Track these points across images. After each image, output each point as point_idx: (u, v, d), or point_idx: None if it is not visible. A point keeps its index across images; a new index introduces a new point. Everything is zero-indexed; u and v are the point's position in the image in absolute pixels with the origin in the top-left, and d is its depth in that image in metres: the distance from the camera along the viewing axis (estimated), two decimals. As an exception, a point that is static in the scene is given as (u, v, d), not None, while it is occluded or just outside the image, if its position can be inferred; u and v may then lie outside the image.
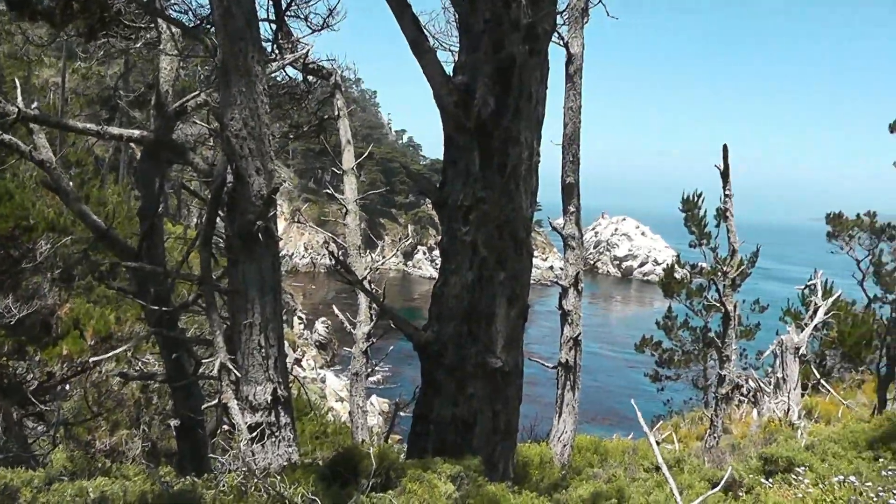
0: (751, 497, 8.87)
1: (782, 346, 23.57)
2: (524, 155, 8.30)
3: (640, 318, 78.10)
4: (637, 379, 43.62)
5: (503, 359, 8.39)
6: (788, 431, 17.28)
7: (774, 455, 10.65)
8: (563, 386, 15.71)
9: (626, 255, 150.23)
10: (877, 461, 10.70)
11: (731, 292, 19.59)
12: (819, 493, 9.17)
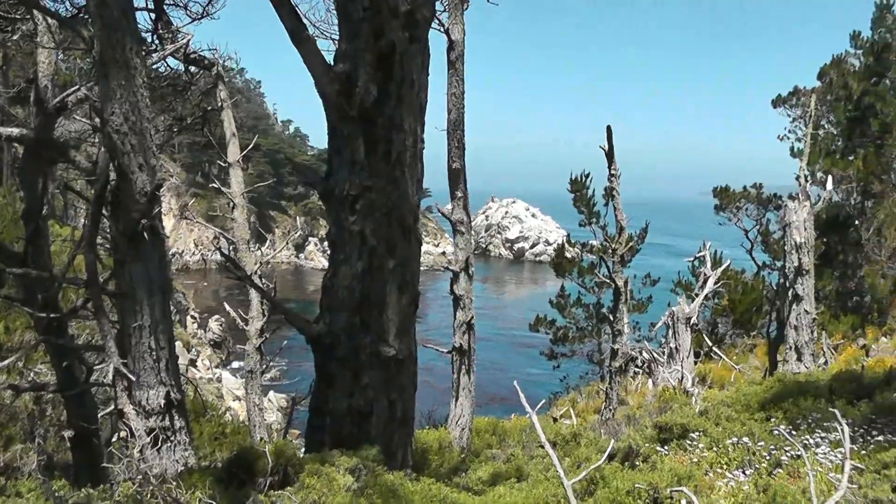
0: (647, 465, 8.97)
1: (674, 317, 24.01)
2: (408, 142, 8.25)
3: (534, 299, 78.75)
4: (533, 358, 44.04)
5: (396, 347, 8.34)
6: (683, 399, 17.61)
7: (669, 423, 10.80)
8: (459, 370, 15.77)
9: (518, 238, 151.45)
10: (769, 421, 10.95)
11: (620, 268, 19.88)
12: (714, 456, 9.34)
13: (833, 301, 35.65)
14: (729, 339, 36.41)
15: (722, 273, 30.37)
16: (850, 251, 35.82)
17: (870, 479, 7.01)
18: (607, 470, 8.53)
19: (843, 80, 38.10)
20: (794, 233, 22.02)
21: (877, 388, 12.38)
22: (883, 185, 35.52)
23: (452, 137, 14.93)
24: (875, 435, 9.42)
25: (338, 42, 8.23)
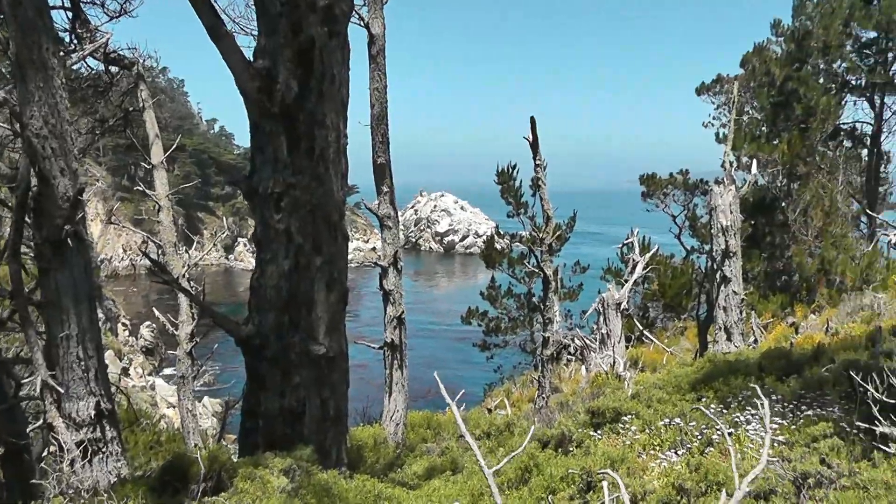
0: (581, 450, 9.03)
1: (604, 303, 24.18)
2: (331, 137, 8.19)
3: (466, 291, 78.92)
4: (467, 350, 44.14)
5: (326, 345, 8.28)
6: (615, 383, 17.69)
7: (601, 407, 10.87)
8: (391, 365, 15.74)
9: (448, 231, 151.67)
10: (700, 401, 11.07)
11: (548, 257, 19.95)
12: (647, 437, 9.42)
13: (762, 281, 36.29)
14: (660, 323, 36.93)
15: (651, 258, 30.74)
16: (778, 232, 36.51)
17: (800, 452, 7.11)
18: (541, 457, 8.56)
19: (766, 67, 38.87)
20: (721, 216, 22.33)
21: (805, 365, 12.58)
22: (808, 167, 36.26)
23: (376, 132, 14.88)
24: (804, 410, 9.58)
25: (257, 38, 8.13)
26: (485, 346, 38.20)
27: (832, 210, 35.38)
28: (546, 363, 19.92)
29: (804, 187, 36.08)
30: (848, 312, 23.60)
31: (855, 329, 19.09)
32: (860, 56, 40.24)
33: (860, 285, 29.26)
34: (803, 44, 38.36)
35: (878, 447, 6.46)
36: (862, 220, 40.07)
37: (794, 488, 5.84)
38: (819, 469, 5.85)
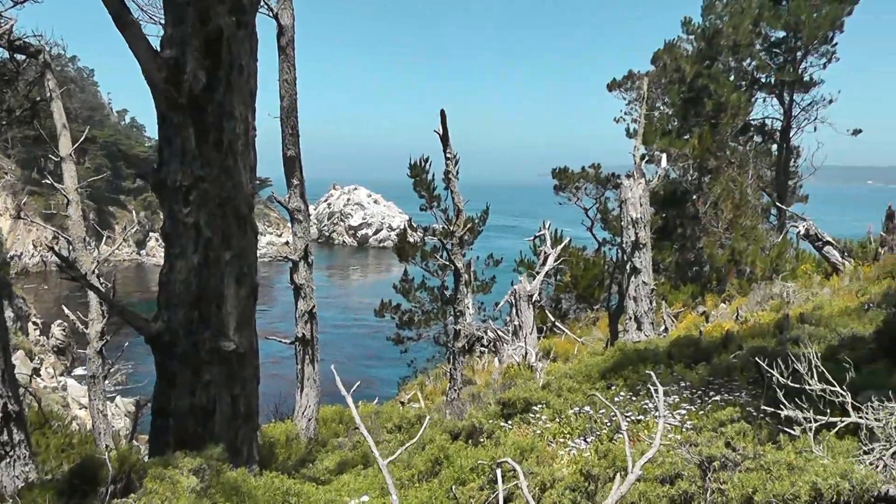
0: (491, 441, 9.07)
1: (516, 295, 24.37)
2: (240, 129, 8.10)
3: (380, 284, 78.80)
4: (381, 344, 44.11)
5: (237, 340, 8.20)
6: (527, 374, 17.84)
7: (512, 398, 10.94)
8: (303, 360, 15.66)
9: (361, 224, 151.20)
10: (609, 389, 11.23)
11: (459, 250, 19.98)
12: (557, 426, 9.52)
13: (673, 272, 37.01)
14: (573, 314, 37.40)
15: (563, 250, 31.12)
16: (689, 224, 37.25)
17: (707, 436, 7.23)
18: (451, 449, 8.58)
19: (676, 64, 39.68)
20: (630, 209, 22.68)
21: (714, 352, 12.83)
22: (718, 162, 37.09)
23: (286, 124, 14.77)
24: (712, 395, 9.77)
25: (164, 27, 7.99)
26: (398, 340, 38.19)
27: (742, 203, 36.23)
28: (458, 355, 19.96)
29: (715, 181, 36.91)
30: (757, 301, 24.11)
31: (764, 317, 19.51)
32: (770, 54, 41.34)
33: (770, 275, 29.97)
34: (713, 42, 39.24)
35: (784, 430, 6.60)
36: (772, 213, 41.16)
37: (699, 471, 5.94)
38: (724, 452, 5.95)
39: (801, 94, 42.21)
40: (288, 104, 14.63)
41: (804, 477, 4.88)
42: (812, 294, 22.34)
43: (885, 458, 5.50)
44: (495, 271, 38.04)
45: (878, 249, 23.94)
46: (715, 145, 37.14)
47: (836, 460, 5.28)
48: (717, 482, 5.60)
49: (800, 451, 5.92)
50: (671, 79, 39.88)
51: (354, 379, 28.47)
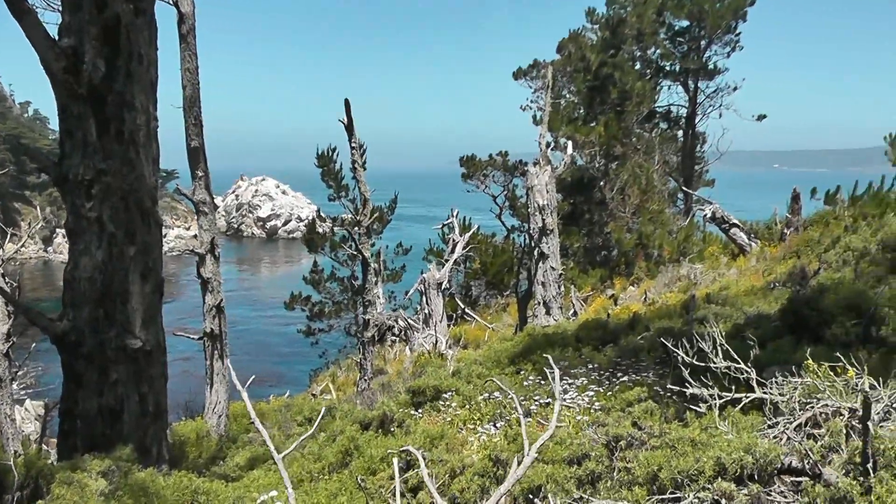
0: (402, 430, 9.09)
1: (425, 283, 24.42)
2: (141, 120, 7.98)
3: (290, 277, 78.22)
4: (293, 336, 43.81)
5: (143, 338, 8.09)
6: (438, 361, 17.87)
7: (422, 386, 10.96)
8: (212, 356, 15.48)
9: (270, 216, 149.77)
10: (518, 374, 11.30)
11: (366, 240, 19.92)
12: (466, 413, 9.56)
13: (582, 257, 37.46)
14: (483, 300, 37.62)
15: (471, 238, 31.28)
16: (596, 210, 37.71)
17: (615, 416, 7.33)
18: (361, 440, 8.58)
19: (581, 53, 40.03)
20: (537, 196, 22.88)
21: (622, 334, 13.00)
22: (625, 148, 37.64)
23: (189, 115, 14.56)
24: (620, 376, 9.91)
25: (62, 14, 7.82)
26: (309, 332, 38.02)
27: (649, 188, 36.80)
28: (367, 345, 19.90)
29: (621, 167, 37.46)
30: (665, 283, 24.53)
31: (671, 298, 19.84)
32: (674, 43, 42.02)
33: (677, 257, 30.49)
34: (618, 31, 39.77)
35: (690, 408, 6.71)
36: (679, 197, 41.82)
37: (607, 451, 6.01)
38: (631, 431, 6.03)
39: (705, 81, 43.04)
40: (190, 94, 14.41)
41: (708, 452, 4.97)
42: (719, 275, 22.78)
43: (788, 432, 5.62)
44: (405, 260, 38.09)
45: (784, 230, 24.50)
46: (621, 132, 37.69)
47: (741, 435, 5.39)
48: (623, 461, 5.67)
49: (705, 427, 6.03)
50: (576, 67, 40.27)
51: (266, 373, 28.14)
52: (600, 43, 40.39)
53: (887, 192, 23.63)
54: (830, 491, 4.53)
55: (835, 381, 6.19)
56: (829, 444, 5.22)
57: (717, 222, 26.77)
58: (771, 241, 24.87)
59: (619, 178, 37.06)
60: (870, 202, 23.20)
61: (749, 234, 26.35)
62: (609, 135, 36.69)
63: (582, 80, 39.61)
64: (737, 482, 4.81)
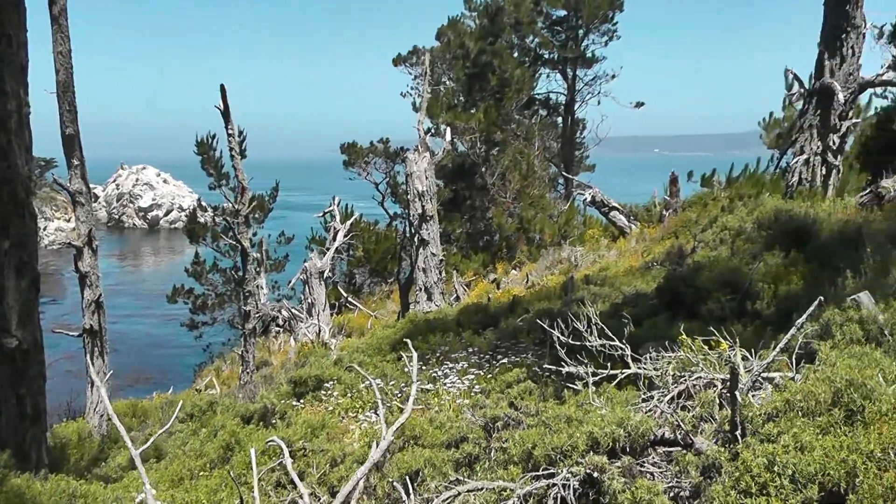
0: (283, 422, 9.04)
1: (307, 272, 24.29)
2: (11, 106, 7.74)
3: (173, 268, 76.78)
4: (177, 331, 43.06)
5: (20, 336, 7.87)
6: (322, 351, 17.81)
7: (304, 376, 10.95)
8: (91, 353, 15.11)
9: (151, 206, 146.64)
10: (400, 360, 11.34)
11: (245, 229, 19.66)
12: (348, 401, 9.58)
13: (464, 242, 37.71)
14: (367, 288, 37.63)
15: (353, 225, 31.20)
16: (478, 196, 37.99)
17: (495, 398, 7.40)
18: (242, 433, 8.53)
19: (461, 40, 40.17)
20: (416, 182, 23.00)
21: (502, 316, 13.16)
22: (505, 135, 38.02)
23: (63, 100, 14.13)
24: (500, 358, 10.01)
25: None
26: (193, 325, 37.41)
27: (530, 173, 37.25)
28: (248, 338, 19.67)
29: (502, 153, 37.81)
30: (547, 266, 24.87)
31: (552, 281, 20.11)
32: (551, 32, 42.59)
33: (559, 241, 30.95)
34: (496, 19, 40.04)
35: (568, 386, 6.81)
36: (559, 182, 42.38)
37: (484, 433, 6.06)
38: (507, 412, 6.09)
39: (584, 69, 43.77)
40: (64, 79, 13.98)
41: (582, 428, 5.04)
42: (599, 257, 23.22)
43: (661, 405, 5.74)
44: (289, 249, 37.78)
45: (663, 212, 25.10)
46: (500, 119, 38.02)
47: (615, 410, 5.47)
48: (499, 441, 5.73)
49: (581, 404, 6.12)
50: (455, 55, 40.41)
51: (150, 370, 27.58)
52: (479, 30, 40.58)
53: (762, 173, 24.46)
54: (701, 459, 4.65)
55: (708, 355, 6.34)
56: (700, 415, 5.35)
57: (597, 206, 27.29)
58: (650, 223, 25.45)
59: (499, 164, 37.39)
60: (746, 183, 23.95)
61: (629, 216, 26.91)
62: (489, 121, 36.96)
63: (461, 68, 39.77)
64: (610, 455, 4.89)
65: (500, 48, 39.41)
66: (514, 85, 38.60)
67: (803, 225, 13.48)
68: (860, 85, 19.30)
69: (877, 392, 4.45)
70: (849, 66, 18.78)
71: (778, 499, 3.86)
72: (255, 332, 20.02)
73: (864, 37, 18.97)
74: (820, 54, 19.00)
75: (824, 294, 8.37)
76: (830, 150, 18.76)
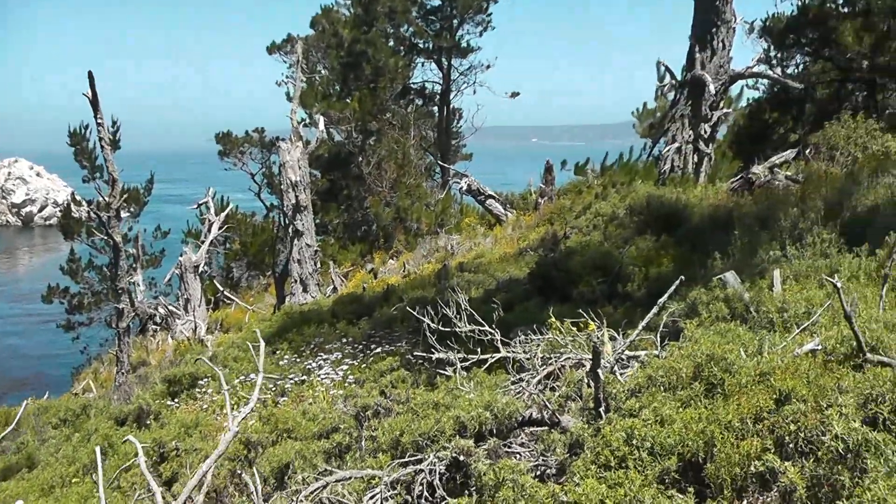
0: (158, 423, 8.90)
1: (182, 267, 23.94)
2: None
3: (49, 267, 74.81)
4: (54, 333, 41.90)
5: None
6: (198, 348, 17.58)
7: (178, 375, 10.81)
8: (-35, 359, 14.64)
9: (25, 201, 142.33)
10: (275, 354, 11.24)
11: (117, 223, 19.20)
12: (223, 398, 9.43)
13: (342, 232, 37.62)
14: (245, 282, 37.17)
15: (229, 217, 30.79)
16: (354, 185, 37.91)
17: (369, 387, 7.40)
18: (116, 436, 8.37)
19: (334, 29, 40.02)
20: (290, 172, 22.87)
21: (377, 306, 13.18)
22: (380, 124, 38.05)
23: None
24: (374, 348, 10.02)
25: None
26: (69, 326, 36.42)
27: (406, 162, 37.35)
28: (123, 337, 19.24)
29: (378, 142, 37.79)
30: (424, 254, 25.01)
31: (428, 269, 20.19)
32: (426, 21, 42.61)
33: (435, 229, 31.13)
34: (370, 8, 39.97)
35: (440, 372, 6.84)
36: (436, 171, 42.51)
37: (356, 423, 6.06)
38: (378, 400, 6.10)
39: (459, 59, 43.94)
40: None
41: (449, 413, 5.07)
42: (475, 244, 23.41)
43: (530, 387, 5.81)
44: (165, 243, 37.03)
45: (538, 200, 25.41)
46: (376, 108, 38.00)
47: (483, 394, 5.51)
48: (370, 430, 5.73)
49: (451, 389, 6.14)
50: (329, 43, 40.25)
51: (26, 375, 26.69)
52: (353, 19, 40.48)
53: (635, 161, 25.08)
54: (566, 437, 4.72)
55: (577, 336, 6.43)
56: (567, 394, 5.45)
57: (473, 194, 27.50)
58: (526, 211, 25.78)
59: (375, 154, 37.39)
60: (619, 171, 24.51)
61: (505, 204, 27.21)
62: (364, 110, 36.91)
63: (336, 56, 39.64)
64: (478, 439, 4.94)
65: (374, 37, 39.33)
66: (388, 74, 38.63)
67: (674, 210, 13.82)
68: (731, 77, 19.98)
69: (736, 365, 4.60)
70: (719, 58, 19.36)
71: (636, 470, 3.95)
72: (131, 330, 19.60)
73: (734, 31, 19.61)
74: (691, 47, 19.58)
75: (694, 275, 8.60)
76: (701, 139, 19.32)
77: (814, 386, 4.17)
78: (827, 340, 4.98)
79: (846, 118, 16.14)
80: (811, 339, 5.16)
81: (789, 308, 6.04)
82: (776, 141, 22.10)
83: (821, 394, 4.03)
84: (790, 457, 3.81)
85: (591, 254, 12.20)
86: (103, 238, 32.56)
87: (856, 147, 15.02)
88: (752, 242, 9.39)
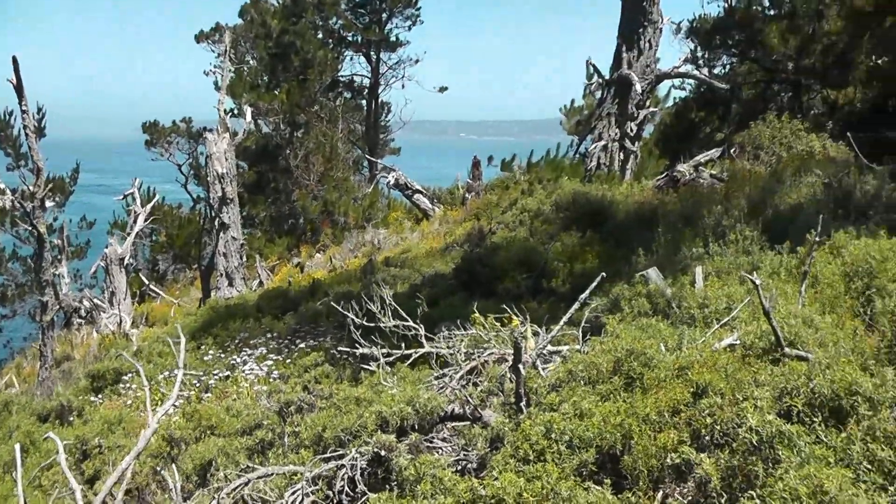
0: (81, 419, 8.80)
1: (107, 259, 23.60)
2: None
3: (-26, 259, 73.06)
4: (-25, 328, 40.87)
5: None
6: (123, 342, 17.37)
7: (101, 370, 10.70)
8: None
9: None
10: (199, 349, 11.15)
11: (41, 213, 18.85)
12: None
13: (269, 225, 37.38)
14: (171, 275, 36.69)
15: (156, 209, 30.38)
16: (282, 178, 37.66)
17: (293, 383, 7.40)
18: (38, 434, 8.27)
19: (263, 19, 39.72)
20: (216, 164, 22.67)
21: (302, 301, 13.13)
22: (309, 116, 37.86)
23: None
24: (299, 343, 10.01)
25: None
26: (-9, 320, 35.75)
27: (333, 156, 37.24)
28: (47, 330, 18.89)
29: (306, 135, 37.58)
30: (350, 249, 25.02)
31: (355, 263, 20.17)
32: (355, 14, 42.62)
33: (363, 223, 31.13)
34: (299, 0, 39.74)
35: (364, 367, 6.87)
36: (364, 165, 42.51)
37: (279, 419, 6.06)
38: (302, 396, 6.10)
39: (388, 53, 44.03)
40: None
41: (371, 408, 5.10)
42: (402, 239, 23.46)
43: (452, 382, 5.85)
44: (91, 235, 36.39)
45: (465, 195, 25.53)
46: (304, 100, 37.79)
47: (406, 389, 5.54)
48: (292, 426, 5.73)
49: (374, 384, 6.16)
50: (258, 34, 39.95)
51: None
52: (282, 10, 40.24)
53: (562, 158, 25.34)
54: (488, 431, 4.77)
55: (500, 331, 6.47)
56: (489, 389, 5.50)
57: (400, 188, 27.52)
58: (453, 206, 25.88)
59: (303, 146, 37.17)
60: (546, 168, 24.71)
61: (432, 199, 27.28)
62: (292, 102, 36.69)
63: (264, 47, 39.35)
64: (399, 434, 4.98)
65: (302, 28, 39.10)
66: (317, 66, 38.48)
67: (600, 206, 13.96)
68: (657, 76, 20.26)
69: (655, 360, 4.68)
70: (646, 58, 19.62)
71: (554, 463, 4.01)
72: (55, 324, 19.26)
73: (661, 31, 19.87)
74: (618, 47, 19.82)
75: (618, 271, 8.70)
76: (628, 137, 19.57)
77: (731, 380, 4.27)
78: (746, 335, 5.06)
79: (771, 118, 16.38)
80: (731, 335, 5.25)
81: (710, 304, 6.14)
82: (702, 140, 22.40)
83: (737, 387, 4.13)
84: (706, 448, 3.91)
85: (516, 249, 12.30)
86: (27, 228, 31.92)
87: (780, 147, 15.29)
88: (675, 239, 9.52)
